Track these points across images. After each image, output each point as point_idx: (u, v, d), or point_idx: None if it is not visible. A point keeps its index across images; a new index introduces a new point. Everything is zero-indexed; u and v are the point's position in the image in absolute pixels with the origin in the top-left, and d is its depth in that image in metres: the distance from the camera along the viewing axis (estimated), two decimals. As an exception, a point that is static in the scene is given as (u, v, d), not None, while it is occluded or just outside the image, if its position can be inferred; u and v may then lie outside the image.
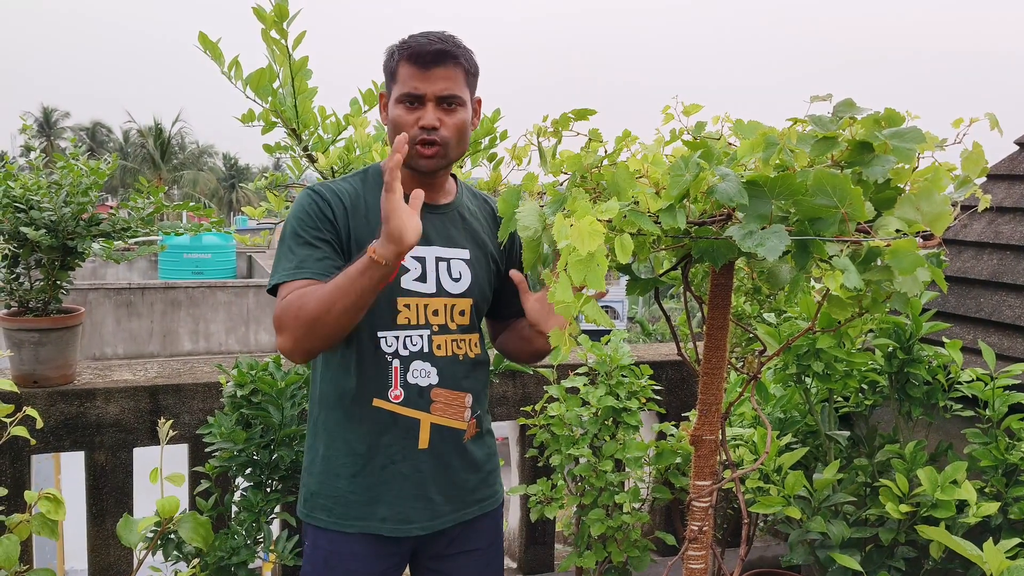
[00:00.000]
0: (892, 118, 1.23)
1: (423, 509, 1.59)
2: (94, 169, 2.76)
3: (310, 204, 1.54)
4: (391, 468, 1.57)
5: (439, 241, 1.62)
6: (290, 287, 1.48)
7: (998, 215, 3.03)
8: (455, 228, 1.65)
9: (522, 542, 3.29)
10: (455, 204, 1.68)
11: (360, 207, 1.58)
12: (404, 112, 1.54)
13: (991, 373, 2.31)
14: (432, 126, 1.53)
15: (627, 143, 1.42)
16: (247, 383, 2.36)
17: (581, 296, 1.16)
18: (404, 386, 1.56)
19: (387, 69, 1.59)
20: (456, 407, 1.61)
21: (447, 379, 1.59)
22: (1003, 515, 2.21)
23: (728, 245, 1.25)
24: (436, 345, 1.59)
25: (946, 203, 1.20)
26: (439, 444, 1.59)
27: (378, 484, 1.57)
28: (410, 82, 1.53)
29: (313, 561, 1.61)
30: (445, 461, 1.60)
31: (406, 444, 1.57)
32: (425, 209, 1.61)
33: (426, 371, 1.58)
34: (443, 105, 1.54)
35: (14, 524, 1.78)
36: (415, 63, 1.52)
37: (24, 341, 2.66)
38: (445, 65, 1.53)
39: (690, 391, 3.37)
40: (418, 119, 1.53)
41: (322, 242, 1.52)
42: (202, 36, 2.24)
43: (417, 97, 1.53)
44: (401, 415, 1.56)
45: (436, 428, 1.58)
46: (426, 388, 1.57)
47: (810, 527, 2.26)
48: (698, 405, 1.54)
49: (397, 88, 1.55)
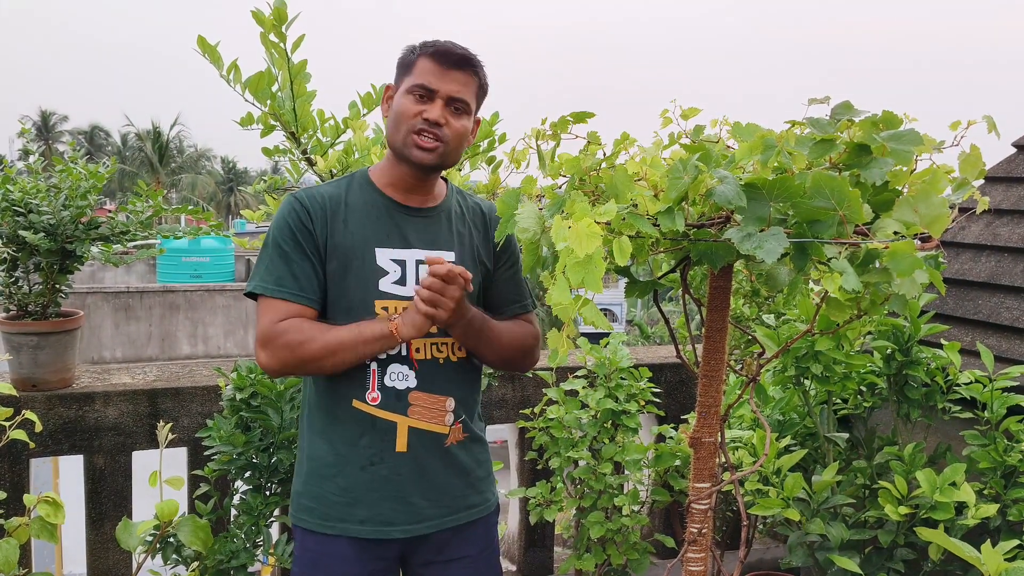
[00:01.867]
0: (890, 120, 1.24)
1: (403, 512, 1.58)
2: (93, 173, 2.76)
3: (290, 214, 1.57)
4: (370, 470, 1.56)
5: (421, 244, 1.62)
6: (275, 307, 1.54)
7: (996, 217, 3.03)
8: (440, 231, 1.65)
9: (521, 545, 3.29)
10: (442, 207, 1.68)
11: (340, 212, 1.59)
12: (411, 102, 1.56)
13: (990, 375, 2.32)
14: (437, 122, 1.55)
15: (625, 146, 1.43)
16: (246, 386, 2.36)
17: (580, 298, 1.16)
18: (381, 388, 1.56)
19: (404, 62, 1.61)
20: (436, 411, 1.59)
21: (426, 382, 1.58)
22: (1002, 517, 2.21)
23: (727, 247, 1.25)
24: (415, 348, 1.58)
25: (944, 205, 1.20)
26: (418, 447, 1.58)
27: (357, 486, 1.56)
28: (426, 76, 1.55)
29: (302, 563, 1.61)
30: (425, 465, 1.59)
31: (384, 446, 1.56)
32: (409, 212, 1.63)
33: (404, 374, 1.57)
34: (451, 107, 1.56)
35: (13, 528, 1.77)
36: (436, 60, 1.55)
37: (23, 345, 2.66)
38: (464, 70, 1.57)
39: (689, 393, 3.38)
40: (422, 111, 1.55)
41: (302, 256, 1.55)
42: (201, 40, 2.24)
43: (429, 91, 1.55)
44: (378, 417, 1.56)
45: (414, 431, 1.57)
46: (403, 391, 1.57)
47: (809, 529, 2.26)
48: (697, 407, 1.55)
49: (410, 79, 1.56)
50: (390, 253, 1.59)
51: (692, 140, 1.47)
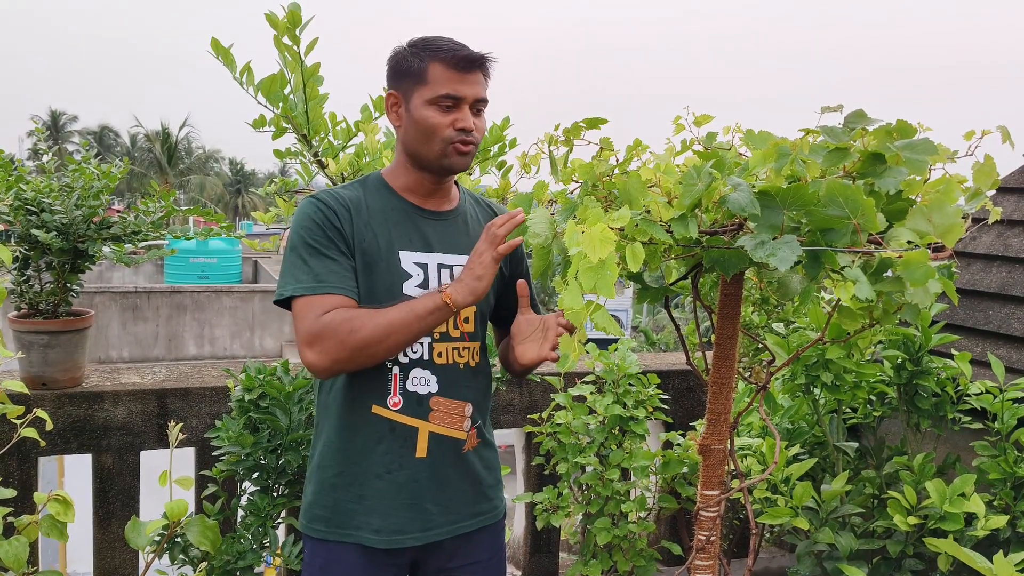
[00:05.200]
0: (904, 130, 1.23)
1: (417, 520, 1.56)
2: (106, 173, 2.78)
3: (316, 213, 1.52)
4: (387, 477, 1.54)
5: (442, 248, 1.61)
6: (317, 302, 1.46)
7: (1007, 228, 3.02)
8: (459, 234, 1.64)
9: (527, 550, 3.28)
10: (458, 210, 1.67)
11: (363, 212, 1.57)
12: (438, 114, 1.53)
13: (1000, 386, 2.31)
14: (471, 129, 1.54)
15: (638, 152, 1.43)
16: (255, 387, 2.36)
17: (592, 303, 1.16)
18: (403, 393, 1.54)
19: (409, 70, 1.55)
20: (456, 416, 1.59)
21: (447, 388, 1.57)
22: (1012, 528, 2.20)
23: (739, 255, 1.25)
24: (437, 353, 1.57)
25: (958, 215, 1.20)
26: (437, 453, 1.57)
27: (373, 494, 1.55)
28: (449, 84, 1.52)
29: (311, 569, 1.60)
30: (442, 471, 1.58)
31: (403, 452, 1.55)
32: (428, 216, 1.62)
33: (426, 379, 1.56)
34: (475, 109, 1.56)
35: (23, 525, 1.77)
36: (454, 67, 1.52)
37: (33, 343, 2.67)
38: (480, 70, 1.56)
39: (696, 400, 3.37)
40: (454, 121, 1.53)
41: (337, 253, 1.51)
42: (215, 42, 2.25)
43: (457, 99, 1.53)
44: (399, 423, 1.54)
45: (435, 437, 1.56)
46: (425, 396, 1.55)
47: (818, 538, 2.25)
48: (707, 415, 1.54)
49: (429, 90, 1.53)
50: (413, 256, 1.57)
51: (705, 147, 1.48)
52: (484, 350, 1.69)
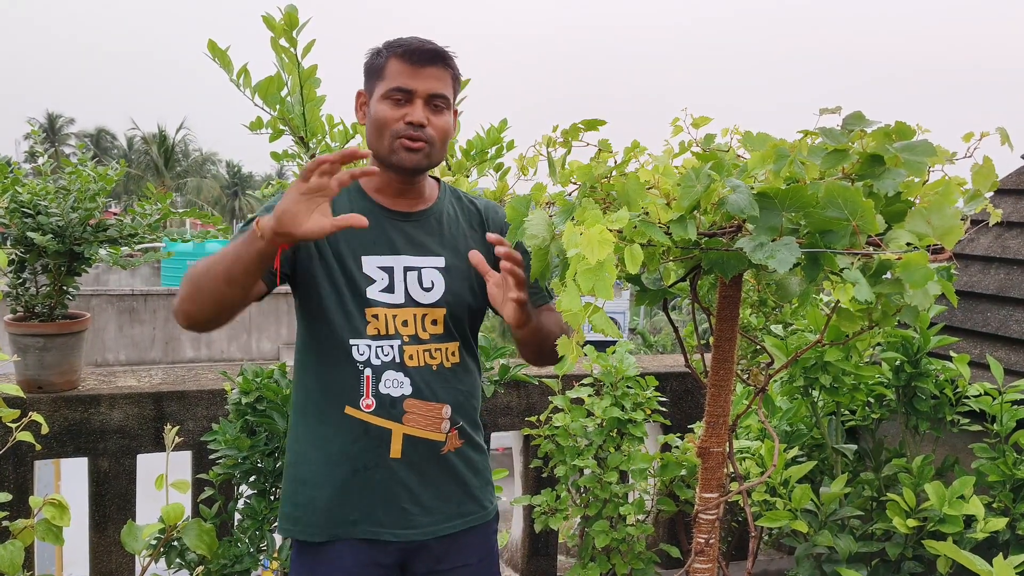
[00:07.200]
0: (903, 131, 1.23)
1: (395, 517, 1.55)
2: (102, 175, 2.77)
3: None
4: (363, 473, 1.54)
5: (408, 250, 1.58)
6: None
7: (1005, 230, 3.03)
8: (429, 235, 1.61)
9: (525, 553, 3.27)
10: (432, 210, 1.64)
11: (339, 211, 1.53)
12: (389, 108, 1.51)
13: (999, 388, 2.31)
14: (420, 123, 1.51)
15: (636, 154, 1.42)
16: (252, 390, 2.35)
17: (590, 306, 1.16)
18: (376, 395, 1.53)
19: (372, 67, 1.56)
20: (432, 418, 1.56)
21: (421, 390, 1.55)
22: (1011, 531, 2.20)
23: (738, 257, 1.25)
24: (408, 355, 1.55)
25: (957, 217, 1.20)
26: (412, 455, 1.55)
27: (350, 489, 1.54)
28: (400, 78, 1.51)
29: (299, 573, 1.59)
30: (420, 472, 1.57)
31: (379, 452, 1.54)
32: (397, 217, 1.60)
33: (399, 381, 1.54)
34: (431, 104, 1.53)
35: (18, 529, 1.77)
36: (407, 60, 1.51)
37: (29, 346, 2.66)
38: (436, 65, 1.53)
39: (695, 403, 3.36)
40: (404, 115, 1.51)
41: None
42: (211, 44, 2.25)
43: (407, 93, 1.51)
44: (372, 424, 1.53)
45: (409, 439, 1.55)
46: (398, 399, 1.54)
47: (817, 541, 2.25)
48: (705, 417, 1.54)
49: (384, 84, 1.52)
50: (377, 260, 1.56)
51: (703, 149, 1.47)
52: (467, 350, 1.66)
